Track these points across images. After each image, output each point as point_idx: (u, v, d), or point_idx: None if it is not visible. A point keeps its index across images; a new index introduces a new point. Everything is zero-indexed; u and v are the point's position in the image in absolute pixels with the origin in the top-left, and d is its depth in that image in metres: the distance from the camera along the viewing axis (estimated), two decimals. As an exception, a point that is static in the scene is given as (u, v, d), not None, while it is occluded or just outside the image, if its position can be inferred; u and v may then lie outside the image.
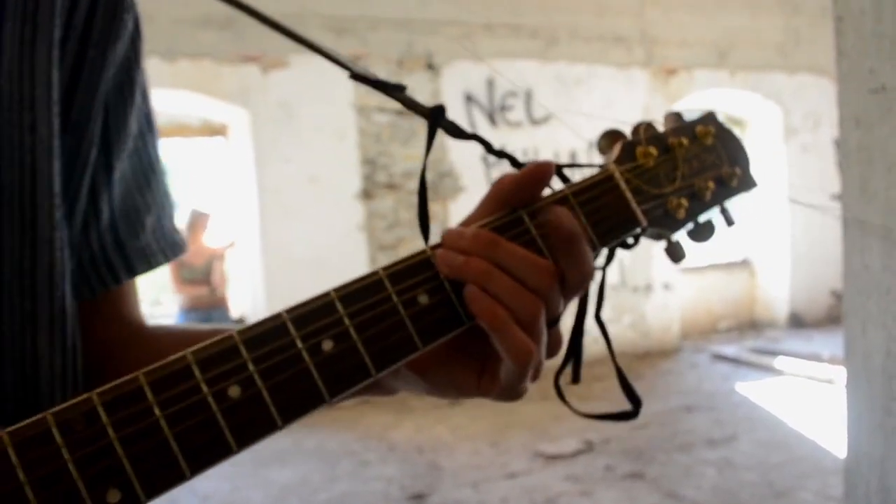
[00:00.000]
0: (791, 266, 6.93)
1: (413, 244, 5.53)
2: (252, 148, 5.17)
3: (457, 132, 0.58)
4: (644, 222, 0.53)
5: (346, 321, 0.43)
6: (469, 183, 5.65)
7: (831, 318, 6.78)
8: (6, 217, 0.48)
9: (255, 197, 5.19)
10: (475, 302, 0.45)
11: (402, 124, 5.46)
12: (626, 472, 3.66)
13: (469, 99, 5.68)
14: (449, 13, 5.59)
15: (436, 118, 0.56)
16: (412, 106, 0.57)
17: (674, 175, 0.56)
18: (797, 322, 6.96)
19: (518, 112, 5.84)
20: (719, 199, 0.58)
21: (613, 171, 0.53)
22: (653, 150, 0.55)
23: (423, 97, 5.53)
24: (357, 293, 0.44)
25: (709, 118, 0.60)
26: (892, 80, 1.34)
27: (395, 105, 3.87)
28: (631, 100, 6.17)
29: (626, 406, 0.52)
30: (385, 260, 5.42)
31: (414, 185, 5.52)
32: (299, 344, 0.41)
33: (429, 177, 4.66)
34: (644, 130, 0.56)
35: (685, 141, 0.57)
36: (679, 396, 4.99)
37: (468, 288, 0.45)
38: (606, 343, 0.55)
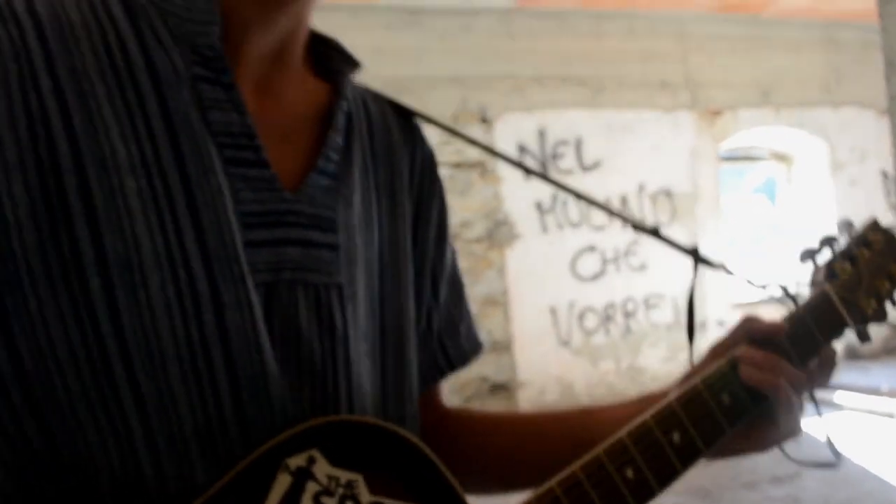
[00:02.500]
0: (844, 298, 6.97)
1: (471, 291, 5.74)
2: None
3: (713, 265, 0.83)
4: (852, 325, 0.77)
5: (686, 422, 0.68)
6: (525, 231, 5.87)
7: (888, 350, 6.81)
8: (389, 347, 0.69)
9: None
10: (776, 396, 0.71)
11: (459, 177, 5.71)
12: (695, 511, 3.79)
13: (522, 149, 5.92)
14: (501, 69, 5.86)
15: (696, 256, 0.81)
16: (672, 244, 0.80)
17: (862, 280, 0.79)
18: (853, 354, 6.98)
19: (569, 160, 6.05)
20: (893, 293, 0.81)
21: (829, 291, 0.78)
22: (847, 267, 0.78)
23: (478, 150, 5.78)
24: (686, 402, 0.69)
25: (875, 226, 0.83)
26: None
27: (452, 158, 4.17)
28: (678, 142, 6.35)
29: None
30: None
31: (471, 233, 5.76)
32: (659, 435, 0.67)
33: (485, 225, 4.92)
34: (836, 246, 0.81)
35: (865, 252, 0.79)
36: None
37: (769, 392, 0.71)
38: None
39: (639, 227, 0.81)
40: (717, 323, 6.42)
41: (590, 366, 6.05)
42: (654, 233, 0.82)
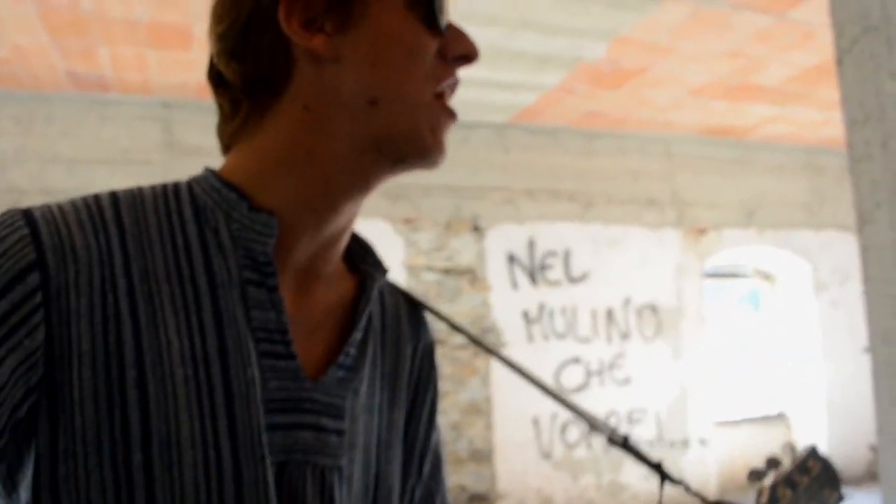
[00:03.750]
0: (827, 420, 6.98)
1: (455, 398, 5.75)
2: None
3: (675, 482, 0.88)
4: None
5: None
6: (511, 339, 5.92)
7: (871, 475, 6.77)
8: None
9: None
10: None
11: (448, 283, 5.80)
12: None
13: (511, 259, 6.03)
14: (494, 180, 6.04)
15: (661, 472, 0.87)
16: (640, 457, 0.87)
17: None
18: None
19: (557, 271, 6.16)
20: None
21: None
22: (788, 493, 0.85)
23: (469, 257, 5.90)
24: None
25: (813, 453, 0.91)
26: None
27: (442, 265, 4.26)
28: (664, 258, 6.48)
29: None
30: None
31: (457, 340, 5.80)
32: None
33: (472, 332, 4.97)
34: (778, 472, 0.87)
35: (804, 479, 0.86)
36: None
37: None
38: None
39: (612, 439, 0.89)
40: (700, 441, 6.41)
41: (570, 480, 5.99)
42: (624, 444, 0.90)
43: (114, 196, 0.68)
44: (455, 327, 0.93)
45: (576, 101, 5.51)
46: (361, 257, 0.82)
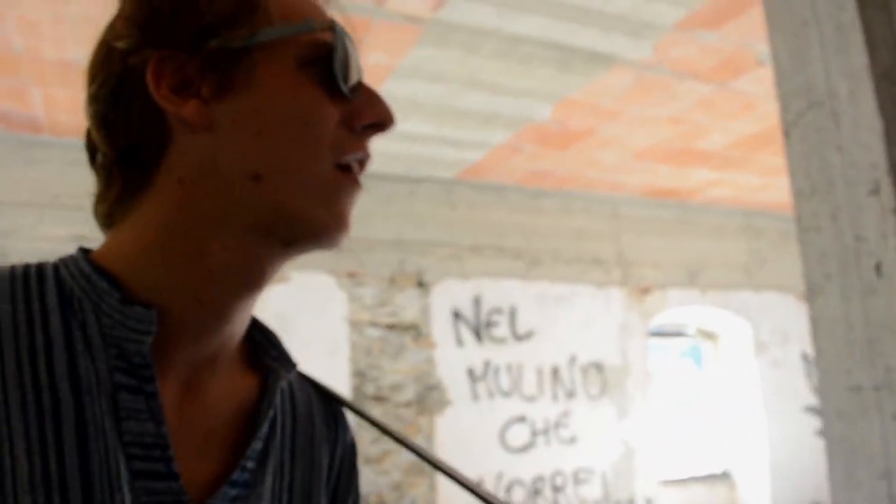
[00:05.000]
0: (770, 479, 7.01)
1: (397, 458, 5.60)
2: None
3: None
4: None
5: None
6: (455, 397, 5.82)
7: (812, 536, 6.79)
8: None
9: (247, 409, 5.29)
10: None
11: (392, 339, 5.70)
12: None
13: (457, 315, 5.97)
14: (440, 235, 6.01)
15: None
16: None
17: None
18: (780, 538, 6.95)
19: (503, 328, 6.11)
20: None
21: None
22: None
23: (414, 312, 5.82)
24: None
25: None
26: (866, 381, 1.56)
27: (387, 320, 4.17)
28: (609, 317, 6.50)
29: None
30: (370, 473, 5.47)
31: (401, 397, 5.68)
32: None
33: (416, 389, 4.85)
34: None
35: None
36: None
37: None
38: None
39: None
40: (645, 501, 6.36)
41: (515, 542, 5.86)
42: None
43: None
44: (374, 424, 0.81)
45: (523, 159, 5.55)
46: (265, 350, 0.72)
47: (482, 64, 3.94)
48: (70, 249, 0.64)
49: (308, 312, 5.43)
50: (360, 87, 0.67)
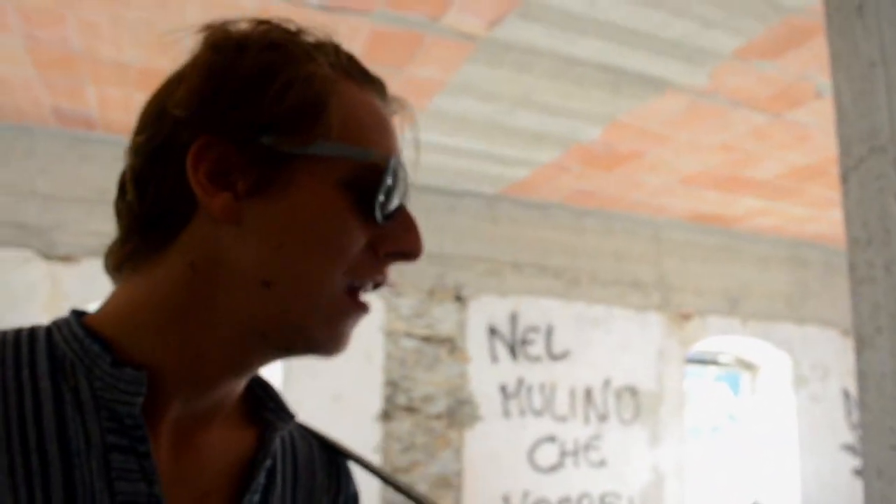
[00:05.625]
0: (802, 515, 6.87)
1: (426, 469, 5.60)
2: (280, 361, 5.39)
3: None
4: None
5: None
6: (487, 413, 5.80)
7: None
8: None
9: (280, 412, 5.33)
10: None
11: (427, 351, 5.70)
12: None
13: (493, 331, 5.95)
14: (480, 251, 6.00)
15: None
16: None
17: None
18: (809, 577, 6.79)
19: (538, 346, 6.08)
20: None
21: None
22: None
23: (450, 326, 5.82)
24: None
25: None
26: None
27: (422, 332, 4.17)
28: (646, 341, 6.43)
29: None
30: (398, 484, 5.46)
31: (432, 409, 5.68)
32: None
33: (447, 403, 4.85)
34: None
35: None
36: None
37: None
38: None
39: None
40: (673, 531, 6.26)
41: (539, 563, 5.80)
42: None
43: None
44: (375, 473, 0.82)
45: (568, 178, 5.52)
46: (263, 403, 0.72)
47: (534, 83, 3.93)
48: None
49: (345, 319, 5.45)
50: (399, 213, 0.67)
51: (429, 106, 4.20)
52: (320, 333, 0.63)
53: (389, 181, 0.64)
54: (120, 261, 0.65)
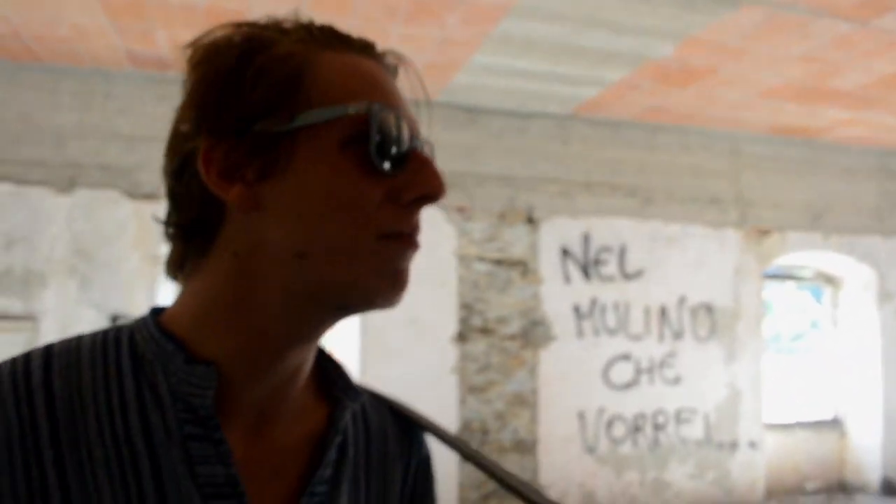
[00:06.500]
0: (884, 429, 6.79)
1: (501, 388, 5.75)
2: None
3: None
4: None
5: None
6: (561, 333, 5.87)
7: (926, 491, 6.56)
8: None
9: (358, 336, 5.53)
10: None
11: (499, 274, 5.77)
12: None
13: (565, 252, 5.96)
14: (551, 172, 5.95)
15: None
16: None
17: None
18: (890, 489, 6.76)
19: (611, 266, 6.07)
20: None
21: None
22: None
23: (522, 248, 5.85)
24: None
25: None
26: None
27: (494, 255, 4.23)
28: (723, 258, 6.33)
29: None
30: (475, 403, 5.65)
31: (506, 330, 5.78)
32: None
33: (521, 324, 4.92)
34: None
35: None
36: (762, 571, 4.94)
37: None
38: None
39: None
40: (749, 444, 6.30)
41: (614, 475, 5.96)
42: None
43: (47, 355, 0.65)
44: (447, 442, 0.84)
45: (640, 96, 5.37)
46: (332, 380, 0.77)
47: (602, 2, 3.80)
48: None
49: (421, 248, 5.53)
50: (412, 157, 0.68)
51: (495, 31, 4.12)
52: (371, 281, 0.65)
53: (375, 130, 0.64)
54: (176, 269, 0.70)
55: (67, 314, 4.90)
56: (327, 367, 0.77)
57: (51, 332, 4.85)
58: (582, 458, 5.92)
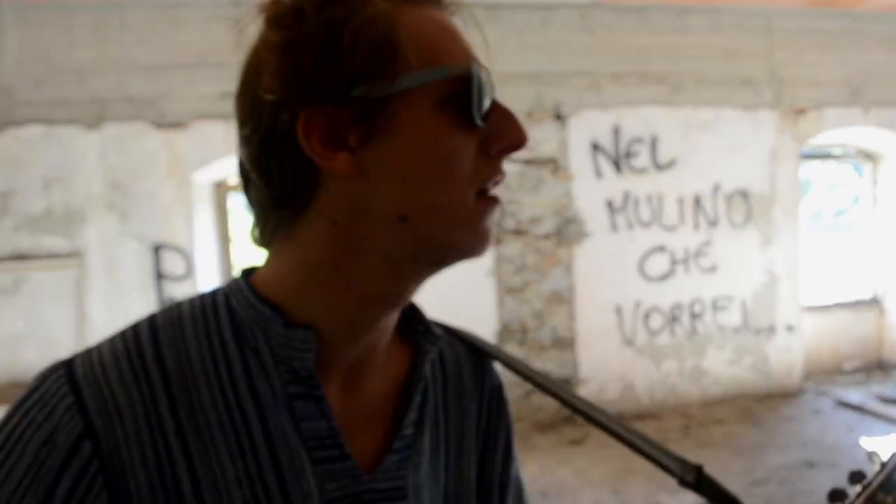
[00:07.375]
0: (924, 304, 6.76)
1: (538, 287, 5.81)
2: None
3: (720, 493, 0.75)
4: None
5: None
6: (594, 229, 5.87)
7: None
8: None
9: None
10: None
11: (530, 173, 5.72)
12: (748, 541, 3.83)
13: (595, 147, 5.87)
14: (577, 65, 5.79)
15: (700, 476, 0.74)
16: (666, 468, 0.76)
17: None
18: (930, 362, 6.80)
19: (643, 158, 5.97)
20: None
21: None
22: (889, 499, 0.70)
23: (551, 146, 5.78)
24: None
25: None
26: None
27: (524, 155, 4.17)
28: (758, 141, 6.18)
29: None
30: (513, 303, 5.72)
31: (540, 230, 5.79)
32: None
33: (554, 222, 4.92)
34: (871, 479, 0.74)
35: (889, 499, 0.72)
36: (799, 449, 5.06)
37: None
38: None
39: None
40: (787, 328, 6.33)
41: (652, 366, 6.07)
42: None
43: (153, 329, 0.68)
44: (517, 371, 0.88)
45: (667, -22, 5.13)
46: (413, 326, 0.80)
47: None
48: (221, 107, 0.69)
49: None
50: (494, 109, 0.69)
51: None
52: (467, 239, 0.68)
53: (476, 88, 0.67)
54: (267, 238, 0.72)
55: (111, 248, 5.02)
56: (407, 311, 0.80)
57: (97, 266, 4.99)
58: (620, 350, 6.03)
